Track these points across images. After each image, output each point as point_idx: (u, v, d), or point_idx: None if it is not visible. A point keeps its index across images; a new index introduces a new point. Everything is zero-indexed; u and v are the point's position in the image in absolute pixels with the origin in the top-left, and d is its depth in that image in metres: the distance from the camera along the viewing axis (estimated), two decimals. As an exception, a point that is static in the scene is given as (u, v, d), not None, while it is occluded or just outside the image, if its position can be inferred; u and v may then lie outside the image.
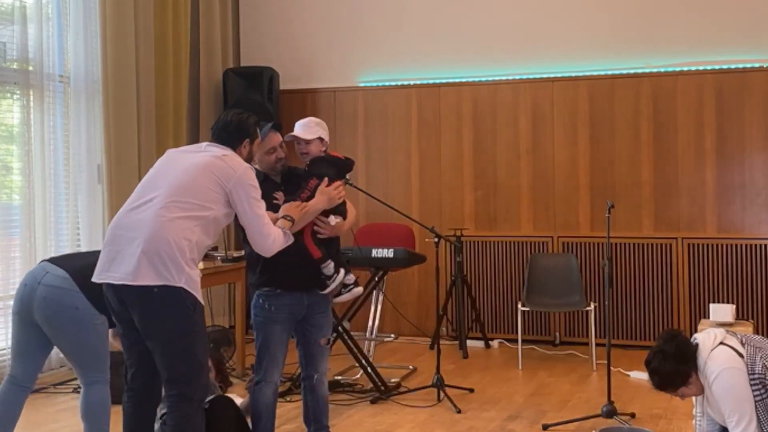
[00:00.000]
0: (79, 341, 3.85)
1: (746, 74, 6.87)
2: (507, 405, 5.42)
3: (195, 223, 3.43)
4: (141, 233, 3.36)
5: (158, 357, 3.41)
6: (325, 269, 4.01)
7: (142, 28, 6.95)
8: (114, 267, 3.39)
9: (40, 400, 5.59)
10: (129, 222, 3.44)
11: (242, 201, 3.53)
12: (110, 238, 3.47)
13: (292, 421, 5.02)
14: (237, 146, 3.69)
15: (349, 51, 8.00)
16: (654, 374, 3.57)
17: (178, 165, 3.55)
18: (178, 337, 3.38)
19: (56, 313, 3.80)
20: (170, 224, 3.38)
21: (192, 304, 3.40)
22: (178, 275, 3.35)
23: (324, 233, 3.99)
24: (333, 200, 3.98)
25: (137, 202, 3.49)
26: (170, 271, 3.34)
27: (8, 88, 6.12)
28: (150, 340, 3.41)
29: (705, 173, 6.98)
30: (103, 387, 3.92)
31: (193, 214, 3.43)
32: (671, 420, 5.01)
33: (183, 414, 3.42)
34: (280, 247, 3.64)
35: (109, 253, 3.44)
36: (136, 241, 3.36)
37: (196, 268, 3.46)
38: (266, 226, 3.59)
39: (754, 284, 6.75)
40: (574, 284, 6.83)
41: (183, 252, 3.37)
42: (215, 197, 3.50)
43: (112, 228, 3.49)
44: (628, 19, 7.19)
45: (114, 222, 3.52)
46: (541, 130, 7.41)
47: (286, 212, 3.76)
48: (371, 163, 7.85)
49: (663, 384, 3.58)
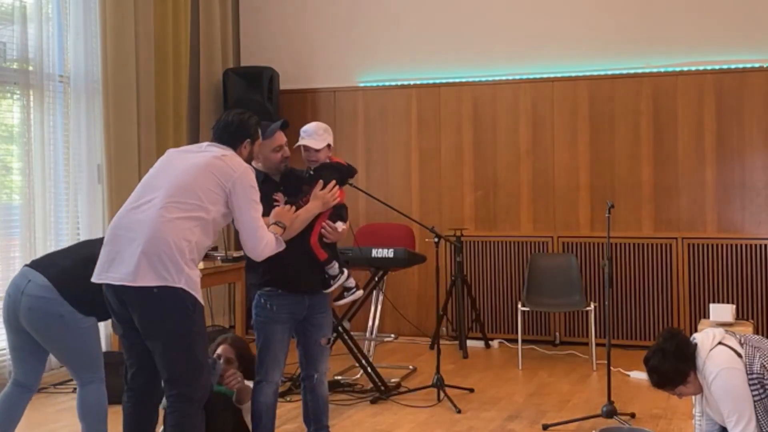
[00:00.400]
0: (69, 346, 3.85)
1: (746, 74, 6.87)
2: (507, 405, 5.42)
3: (195, 223, 3.43)
4: (141, 234, 3.36)
5: (158, 357, 3.42)
6: (330, 270, 4.06)
7: (142, 28, 6.95)
8: (114, 267, 3.40)
9: (40, 400, 5.59)
10: (129, 222, 3.44)
11: (240, 202, 3.53)
12: (110, 239, 3.47)
13: (292, 421, 5.02)
14: (237, 146, 3.69)
15: (349, 51, 8.00)
16: (653, 372, 3.57)
17: (178, 165, 3.55)
18: (178, 337, 3.39)
19: (42, 324, 3.80)
20: (170, 225, 3.38)
21: (192, 305, 3.40)
22: (177, 276, 3.35)
23: (330, 239, 4.02)
24: (327, 204, 3.99)
25: (137, 203, 3.49)
26: (170, 272, 3.34)
27: (8, 88, 6.12)
28: (150, 340, 3.41)
29: (705, 173, 6.98)
30: (99, 386, 3.92)
31: (193, 214, 3.43)
32: (671, 420, 5.02)
33: (183, 414, 3.42)
34: (271, 252, 3.64)
35: (108, 254, 3.44)
36: (135, 241, 3.36)
37: (195, 268, 3.46)
38: (260, 230, 3.58)
39: (754, 284, 6.75)
40: (574, 284, 6.83)
41: (183, 253, 3.37)
42: (215, 198, 3.50)
43: (112, 228, 3.49)
44: (628, 19, 7.19)
45: (114, 222, 3.52)
46: (541, 130, 7.41)
47: (278, 218, 3.75)
48: (371, 163, 7.85)
49: (661, 382, 3.58)
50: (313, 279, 4.03)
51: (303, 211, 3.89)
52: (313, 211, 3.93)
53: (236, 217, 3.57)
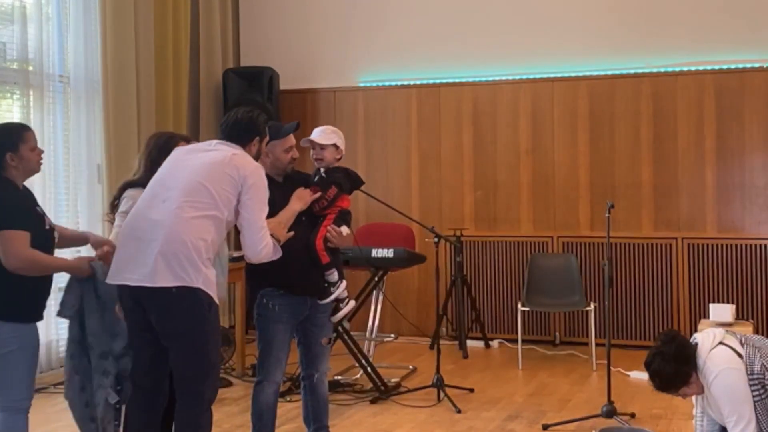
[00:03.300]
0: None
1: (746, 74, 6.87)
2: (507, 405, 5.43)
3: (210, 222, 3.43)
4: (157, 234, 3.36)
5: (173, 355, 3.43)
6: (330, 276, 4.06)
7: (142, 28, 6.94)
8: (130, 268, 3.39)
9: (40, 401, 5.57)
10: (144, 223, 3.43)
11: (250, 201, 3.51)
12: (125, 240, 3.46)
13: (292, 421, 5.02)
14: (247, 144, 3.67)
15: (349, 51, 7.99)
16: (655, 376, 3.56)
17: (189, 165, 3.53)
18: (193, 337, 3.40)
19: None
20: (186, 225, 3.38)
21: (208, 304, 3.42)
22: (195, 276, 3.36)
23: (335, 243, 4.04)
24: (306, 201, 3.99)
25: (151, 203, 3.47)
26: (187, 272, 3.34)
27: (8, 88, 6.12)
28: (166, 339, 3.43)
29: (705, 173, 6.98)
30: (11, 416, 3.53)
31: (208, 213, 3.43)
32: (671, 420, 5.02)
33: (193, 413, 3.44)
34: (268, 257, 3.61)
35: (124, 255, 3.43)
36: (153, 242, 3.35)
37: (211, 267, 3.47)
38: (263, 231, 3.57)
39: (754, 284, 6.75)
40: (574, 284, 6.83)
41: (200, 252, 3.38)
42: (228, 196, 3.48)
43: (128, 229, 3.48)
44: (628, 19, 7.19)
45: (129, 223, 3.50)
46: (541, 130, 7.41)
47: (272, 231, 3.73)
48: (371, 162, 7.85)
49: (664, 385, 3.57)
50: (314, 282, 4.04)
51: (284, 211, 3.88)
52: (295, 209, 3.92)
53: (243, 215, 3.54)
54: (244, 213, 3.53)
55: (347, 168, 4.24)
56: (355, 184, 4.25)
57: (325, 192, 4.06)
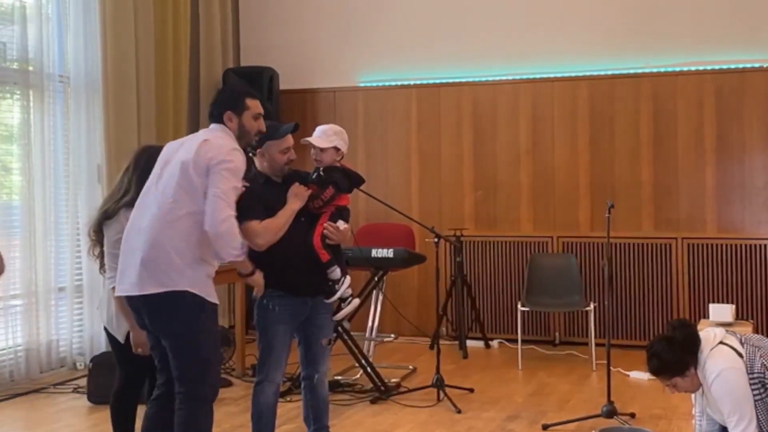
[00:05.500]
0: None
1: (745, 74, 6.87)
2: (507, 405, 5.43)
3: (192, 220, 3.42)
4: (139, 244, 3.42)
5: (170, 356, 3.49)
6: (332, 274, 4.05)
7: (142, 28, 6.94)
8: (123, 279, 3.49)
9: (40, 400, 5.60)
10: (131, 232, 3.51)
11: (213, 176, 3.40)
12: (121, 250, 3.56)
13: (292, 421, 5.02)
14: (222, 120, 3.63)
15: (349, 51, 7.99)
16: (654, 357, 3.54)
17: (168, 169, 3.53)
18: (186, 338, 3.44)
19: None
20: (168, 229, 3.40)
21: (200, 305, 3.44)
22: (179, 279, 3.39)
23: (334, 239, 4.02)
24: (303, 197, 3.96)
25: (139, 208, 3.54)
26: (170, 277, 3.38)
27: (8, 88, 6.12)
28: (163, 341, 3.50)
29: (705, 173, 6.98)
30: None
31: (189, 210, 3.42)
32: (671, 420, 5.02)
33: (190, 412, 3.47)
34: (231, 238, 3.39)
35: (120, 265, 3.54)
36: (137, 252, 3.43)
37: (204, 265, 3.46)
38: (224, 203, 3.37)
39: (754, 284, 6.75)
40: (574, 284, 6.83)
41: (182, 255, 3.40)
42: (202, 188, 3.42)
43: (124, 238, 3.56)
44: (628, 19, 7.19)
45: (125, 231, 3.58)
46: (541, 130, 7.41)
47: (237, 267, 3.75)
48: (371, 163, 7.85)
49: (660, 368, 3.54)
50: (314, 283, 4.03)
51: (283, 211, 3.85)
52: (294, 208, 3.90)
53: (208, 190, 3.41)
54: (210, 188, 3.40)
55: (345, 167, 4.21)
56: (355, 183, 4.22)
57: (322, 192, 4.04)
